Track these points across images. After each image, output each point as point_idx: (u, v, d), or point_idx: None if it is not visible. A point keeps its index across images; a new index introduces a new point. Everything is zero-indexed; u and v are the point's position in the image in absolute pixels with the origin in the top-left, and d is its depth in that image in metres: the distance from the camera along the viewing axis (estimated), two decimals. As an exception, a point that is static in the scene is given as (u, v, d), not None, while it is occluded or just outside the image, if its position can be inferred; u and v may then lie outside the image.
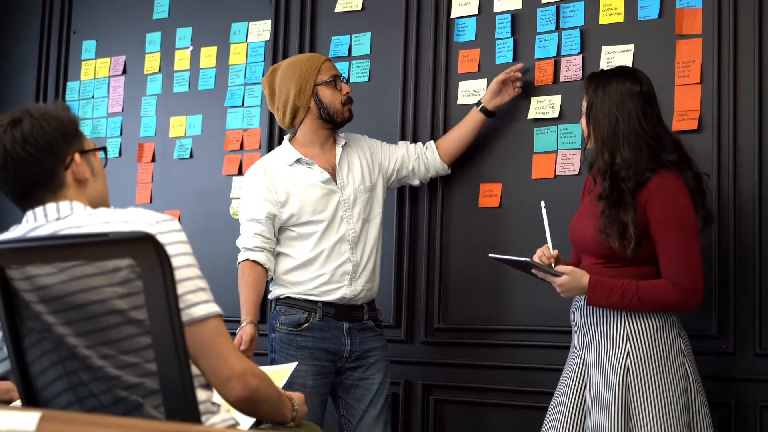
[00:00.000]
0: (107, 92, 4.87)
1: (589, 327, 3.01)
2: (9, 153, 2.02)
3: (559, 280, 2.94)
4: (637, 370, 2.87)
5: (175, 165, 4.61)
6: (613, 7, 3.62)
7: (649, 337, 2.90)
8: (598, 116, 2.97)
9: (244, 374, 2.00)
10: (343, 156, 3.64)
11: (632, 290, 2.87)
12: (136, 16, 4.83)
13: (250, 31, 4.49)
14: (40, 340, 1.97)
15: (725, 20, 3.41)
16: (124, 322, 1.90)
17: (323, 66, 3.63)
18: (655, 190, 2.90)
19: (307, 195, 3.56)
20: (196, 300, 1.96)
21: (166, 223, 1.99)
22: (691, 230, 2.91)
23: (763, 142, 3.32)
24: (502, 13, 3.86)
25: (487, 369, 3.78)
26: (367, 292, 3.57)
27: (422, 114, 4.01)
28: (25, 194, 2.07)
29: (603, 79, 3.02)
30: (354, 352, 3.53)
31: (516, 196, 3.76)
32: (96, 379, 1.93)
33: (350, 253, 3.55)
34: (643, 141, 2.93)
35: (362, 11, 4.21)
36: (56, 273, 1.90)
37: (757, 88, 3.34)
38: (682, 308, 2.94)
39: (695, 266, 2.89)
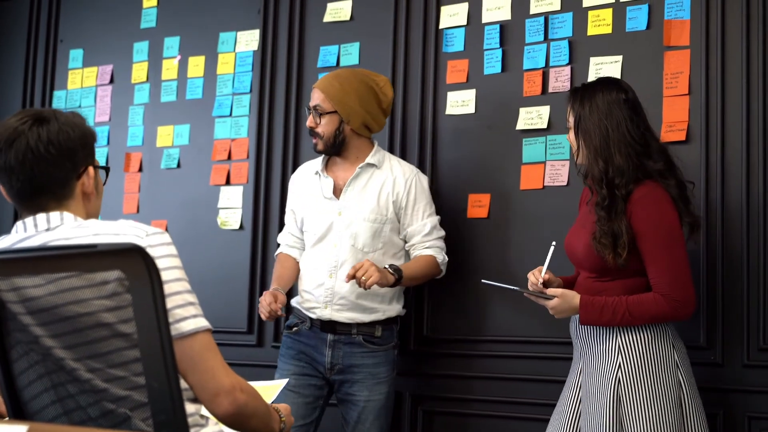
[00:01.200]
0: (94, 101, 4.86)
1: (585, 340, 3.05)
2: (32, 150, 2.01)
3: (551, 303, 2.99)
4: (628, 382, 2.89)
5: (163, 175, 4.60)
6: (601, 18, 3.62)
7: (640, 349, 2.91)
8: (588, 127, 2.99)
9: (232, 389, 1.99)
10: (361, 176, 3.60)
11: (623, 307, 2.89)
12: (124, 25, 4.82)
13: (238, 40, 4.48)
14: (27, 352, 1.96)
15: (713, 32, 3.43)
16: (112, 336, 1.88)
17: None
18: (638, 202, 2.92)
19: (310, 205, 3.63)
20: (185, 314, 1.95)
21: (156, 236, 1.98)
22: (676, 240, 2.92)
23: (751, 153, 3.33)
24: (490, 24, 3.86)
25: (475, 380, 3.78)
26: (350, 319, 3.51)
27: (411, 124, 4.00)
28: (31, 197, 2.05)
29: (588, 91, 3.04)
30: (336, 364, 3.51)
31: (504, 207, 3.76)
32: (84, 391, 1.92)
33: (327, 277, 3.53)
34: (632, 147, 2.95)
35: (351, 21, 4.21)
36: (44, 284, 1.88)
37: (745, 99, 3.35)
38: (675, 319, 2.95)
39: (683, 277, 2.91)
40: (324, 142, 3.59)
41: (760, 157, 3.31)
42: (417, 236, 3.60)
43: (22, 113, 2.06)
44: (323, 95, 3.57)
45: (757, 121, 3.33)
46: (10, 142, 2.01)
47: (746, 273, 3.30)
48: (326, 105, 3.56)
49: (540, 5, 3.76)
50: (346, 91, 3.55)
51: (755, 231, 3.30)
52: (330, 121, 3.57)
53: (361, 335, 3.52)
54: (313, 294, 3.55)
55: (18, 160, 2.01)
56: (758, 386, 3.26)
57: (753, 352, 3.28)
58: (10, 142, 2.01)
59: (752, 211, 3.31)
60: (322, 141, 3.59)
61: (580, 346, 3.08)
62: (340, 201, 3.58)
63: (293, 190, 3.76)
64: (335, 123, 3.57)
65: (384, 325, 3.56)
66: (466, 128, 3.88)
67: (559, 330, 3.60)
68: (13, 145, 2.01)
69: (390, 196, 3.57)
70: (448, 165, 3.90)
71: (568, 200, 3.58)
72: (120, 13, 4.84)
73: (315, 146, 3.63)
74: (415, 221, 3.59)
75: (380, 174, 3.60)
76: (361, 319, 3.52)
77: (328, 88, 3.57)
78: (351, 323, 3.51)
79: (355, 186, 3.59)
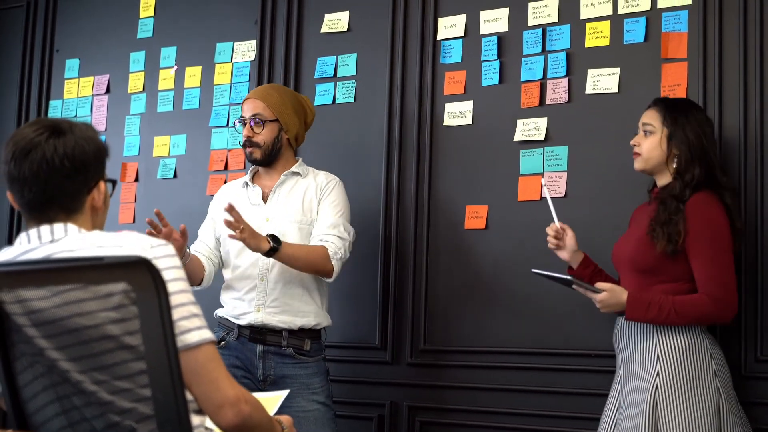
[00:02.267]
0: (90, 111, 4.86)
1: (625, 348, 3.14)
2: (47, 162, 2.01)
3: (600, 296, 3.07)
4: (665, 388, 2.98)
5: (159, 185, 4.59)
6: (599, 30, 3.64)
7: (680, 357, 3.01)
8: (687, 135, 3.12)
9: (237, 401, 1.99)
10: (285, 183, 3.62)
11: (669, 305, 3.00)
12: (120, 35, 4.82)
13: (235, 51, 4.49)
14: (32, 364, 1.95)
15: (710, 44, 3.45)
16: (118, 348, 1.88)
17: (243, 105, 3.67)
18: (692, 207, 3.04)
19: None
20: (189, 326, 1.95)
21: (160, 248, 1.98)
22: (725, 245, 3.05)
23: (748, 164, 3.36)
24: (488, 36, 3.87)
25: (473, 391, 3.78)
26: (283, 323, 3.50)
27: (408, 136, 4.01)
28: (41, 208, 2.05)
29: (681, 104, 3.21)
30: (268, 375, 3.49)
31: (502, 218, 3.77)
32: (89, 403, 1.91)
33: (259, 280, 3.53)
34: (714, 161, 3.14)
35: (348, 32, 4.22)
36: (49, 297, 1.88)
37: (742, 111, 3.38)
38: (717, 321, 3.09)
39: (729, 280, 3.03)
40: (263, 151, 3.60)
41: (758, 169, 3.34)
42: (318, 227, 3.56)
43: (38, 123, 2.05)
44: (263, 104, 3.60)
45: (755, 132, 3.36)
46: (26, 152, 2.01)
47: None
48: (267, 113, 3.59)
49: (538, 17, 3.77)
50: (284, 102, 3.61)
51: (750, 239, 3.32)
52: (270, 131, 3.59)
53: (291, 347, 3.50)
54: (243, 299, 3.54)
55: (32, 171, 2.01)
56: (757, 398, 3.28)
57: (750, 364, 3.30)
58: (25, 153, 2.01)
59: (749, 221, 3.33)
60: (261, 149, 3.60)
61: (620, 356, 3.17)
62: (267, 207, 3.59)
63: (217, 201, 3.72)
64: (275, 132, 3.60)
65: (312, 339, 3.54)
66: (464, 139, 3.89)
67: (556, 341, 3.62)
68: (29, 156, 2.01)
69: (314, 199, 3.59)
70: (446, 176, 3.91)
71: (566, 212, 3.58)
72: (116, 23, 4.85)
73: (251, 155, 3.62)
74: (322, 216, 3.57)
75: (304, 181, 3.63)
76: (294, 322, 3.49)
77: (268, 97, 3.61)
78: (282, 329, 3.49)
79: (280, 192, 3.60)
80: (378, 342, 3.96)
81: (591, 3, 3.67)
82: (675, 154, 3.13)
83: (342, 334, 3.98)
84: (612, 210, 3.54)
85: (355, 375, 3.99)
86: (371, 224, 4.00)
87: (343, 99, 4.18)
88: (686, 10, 3.49)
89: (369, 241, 3.99)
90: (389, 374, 3.94)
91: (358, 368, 4.00)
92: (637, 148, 3.22)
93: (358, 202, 3.98)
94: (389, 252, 3.99)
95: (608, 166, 3.57)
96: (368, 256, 3.98)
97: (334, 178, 3.66)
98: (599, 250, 3.49)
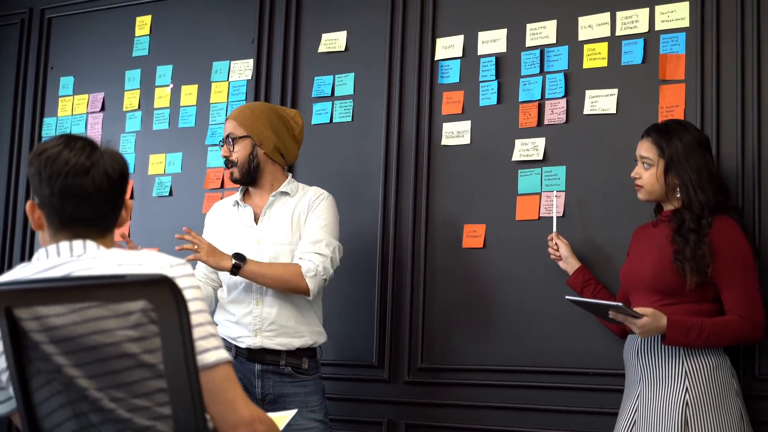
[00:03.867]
0: (85, 129, 4.85)
1: (646, 366, 3.15)
2: (109, 177, 2.04)
3: (640, 322, 3.05)
4: (695, 404, 3.02)
5: (154, 203, 4.59)
6: (597, 51, 3.68)
7: (707, 375, 3.06)
8: (683, 165, 3.15)
9: (252, 421, 2.00)
10: (274, 204, 3.60)
11: (708, 327, 3.04)
12: (116, 53, 4.82)
13: (231, 69, 4.50)
14: (50, 381, 1.95)
15: (708, 66, 3.49)
16: (136, 366, 1.89)
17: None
18: (718, 232, 3.10)
19: (230, 235, 3.60)
20: (207, 346, 1.96)
21: (179, 267, 2.00)
22: (751, 268, 3.15)
23: (746, 186, 3.39)
24: (486, 56, 3.91)
25: (470, 409, 3.79)
26: (281, 345, 3.49)
27: (406, 155, 4.03)
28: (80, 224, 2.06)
29: (674, 130, 3.19)
30: (267, 395, 3.49)
31: (500, 237, 3.79)
32: (107, 421, 1.91)
33: (254, 305, 3.52)
34: (716, 184, 3.16)
35: (346, 52, 4.25)
36: (67, 314, 1.88)
37: (740, 133, 3.42)
38: (751, 341, 3.17)
39: (758, 301, 3.12)
40: (239, 169, 3.60)
41: (755, 190, 3.38)
42: (301, 244, 3.52)
43: (74, 140, 2.05)
44: (235, 122, 3.61)
45: (752, 154, 3.40)
46: (86, 168, 2.01)
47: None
48: (238, 131, 3.60)
49: (536, 38, 3.81)
50: (256, 116, 3.60)
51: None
52: (243, 147, 3.59)
53: (289, 366, 3.50)
54: (240, 323, 3.52)
55: (96, 185, 2.02)
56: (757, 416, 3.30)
57: (748, 383, 3.33)
58: (86, 169, 2.01)
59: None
60: (238, 168, 3.60)
61: (638, 372, 3.17)
62: (258, 228, 3.58)
63: (209, 224, 3.73)
64: (248, 148, 3.59)
65: (309, 357, 3.53)
66: (462, 159, 3.91)
67: (554, 360, 3.64)
68: (90, 171, 2.02)
69: (302, 216, 3.56)
70: (444, 195, 3.93)
71: (563, 231, 3.62)
72: (112, 41, 4.85)
73: (231, 176, 3.63)
74: (306, 232, 3.54)
75: (292, 200, 3.60)
76: (291, 344, 3.49)
77: (239, 115, 3.63)
78: (281, 350, 3.49)
79: (270, 214, 3.59)
80: (375, 360, 3.97)
81: (589, 24, 3.71)
82: (676, 184, 3.18)
83: (339, 352, 3.98)
84: (609, 229, 3.57)
85: (352, 393, 3.99)
86: (369, 243, 4.02)
87: (341, 118, 4.20)
88: (684, 33, 3.54)
89: (367, 259, 4.01)
90: (387, 392, 3.94)
91: (355, 386, 4.00)
92: (638, 180, 3.25)
93: (355, 221, 4.01)
94: (387, 271, 4.00)
95: (606, 186, 3.60)
96: (366, 275, 3.99)
97: (323, 193, 3.63)
98: (596, 268, 3.54)
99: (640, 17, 3.62)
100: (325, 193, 3.63)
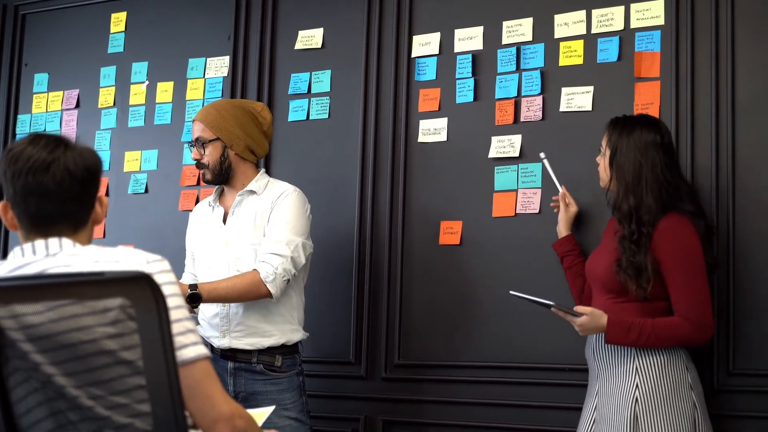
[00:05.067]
0: (60, 126, 4.82)
1: (602, 363, 3.16)
2: (70, 172, 2.02)
3: (579, 320, 3.07)
4: (645, 400, 3.02)
5: (130, 200, 4.57)
6: (572, 49, 3.70)
7: (657, 370, 3.05)
8: (622, 162, 3.13)
9: (231, 416, 2.01)
10: (241, 204, 3.59)
11: (649, 328, 3.03)
12: (90, 49, 4.80)
13: (207, 66, 4.49)
14: (27, 379, 1.94)
15: (683, 64, 3.52)
16: (114, 363, 1.88)
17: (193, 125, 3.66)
18: (665, 231, 3.06)
19: (202, 237, 3.62)
20: (185, 342, 1.96)
21: (156, 263, 1.99)
22: (700, 268, 3.09)
23: (720, 183, 3.42)
24: (462, 54, 3.92)
25: (447, 405, 3.80)
26: (251, 345, 3.48)
27: (383, 152, 4.04)
28: (52, 221, 2.04)
29: (627, 126, 3.17)
30: (239, 393, 3.48)
31: (476, 234, 3.81)
32: (85, 419, 1.91)
33: (221, 306, 3.50)
34: (664, 189, 3.10)
35: (322, 49, 4.24)
36: (44, 312, 1.87)
37: (714, 129, 3.44)
38: (695, 343, 3.10)
39: (705, 302, 3.07)
40: (211, 171, 3.59)
41: (729, 185, 3.40)
42: (262, 245, 3.48)
43: (41, 138, 2.04)
44: (202, 125, 3.58)
45: (726, 151, 3.42)
46: (46, 165, 2.00)
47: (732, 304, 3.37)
48: (207, 134, 3.57)
49: (512, 36, 3.82)
50: (224, 117, 3.57)
51: (723, 254, 3.38)
52: (214, 150, 3.57)
53: (261, 364, 3.49)
54: (210, 324, 3.53)
55: (56, 182, 2.01)
56: (729, 411, 3.34)
57: (723, 378, 3.36)
58: (45, 166, 2.00)
59: (721, 237, 3.39)
60: (209, 170, 3.59)
61: (596, 369, 3.19)
62: (226, 229, 3.57)
63: (189, 226, 3.76)
64: (219, 150, 3.57)
65: (284, 354, 3.52)
66: (439, 156, 3.92)
67: (530, 355, 3.66)
68: (50, 168, 2.00)
69: (265, 215, 3.54)
70: (420, 192, 3.94)
71: (540, 228, 3.64)
72: (86, 38, 4.82)
73: (203, 176, 3.62)
74: (268, 232, 3.50)
75: (258, 198, 3.58)
76: (261, 343, 3.48)
77: (206, 117, 3.59)
78: (251, 350, 3.48)
79: (237, 213, 3.58)
80: (353, 357, 3.97)
81: (565, 22, 3.72)
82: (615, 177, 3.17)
83: (317, 349, 3.98)
84: (585, 226, 3.58)
85: (330, 390, 3.99)
86: (345, 240, 4.02)
87: (318, 115, 4.19)
88: (659, 30, 3.56)
89: (343, 256, 4.01)
90: (364, 389, 3.95)
91: (333, 383, 4.00)
92: (599, 167, 3.29)
93: (332, 218, 4.01)
94: (364, 267, 4.00)
95: (582, 182, 3.61)
96: (343, 272, 4.00)
97: (287, 188, 3.58)
98: (573, 265, 3.55)
99: (615, 15, 3.64)
100: (290, 188, 3.58)
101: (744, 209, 3.38)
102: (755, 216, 3.38)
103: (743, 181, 3.40)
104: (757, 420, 3.31)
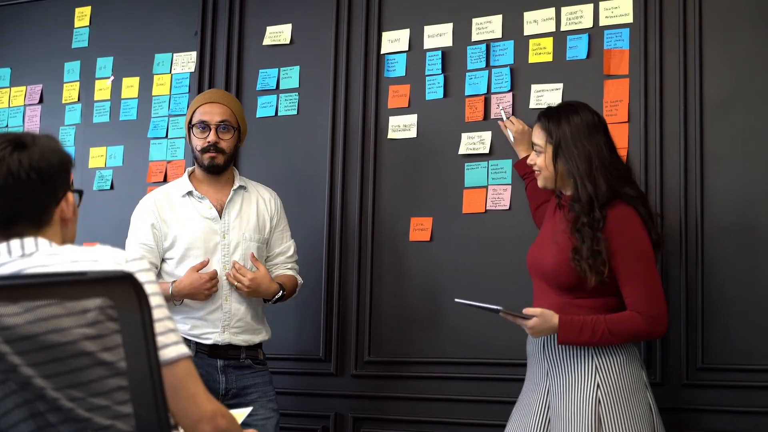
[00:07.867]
0: (22, 121, 4.76)
1: (555, 361, 3.05)
2: (13, 175, 1.97)
3: (530, 323, 2.98)
4: (607, 401, 2.93)
5: (95, 197, 4.52)
6: (542, 47, 3.71)
7: (617, 370, 2.97)
8: (570, 151, 3.02)
9: (214, 416, 2.00)
10: (235, 198, 3.58)
11: (602, 325, 2.94)
12: (54, 44, 4.74)
13: (174, 62, 4.45)
14: (4, 381, 1.90)
15: (651, 61, 3.55)
16: (94, 364, 1.86)
17: (200, 109, 3.58)
18: (614, 223, 2.97)
19: (189, 226, 3.52)
20: (167, 341, 1.95)
21: (136, 262, 1.97)
22: (649, 260, 3.00)
23: (689, 180, 3.45)
24: (432, 50, 3.92)
25: (417, 401, 3.81)
26: (245, 341, 3.51)
27: (352, 148, 4.03)
28: (8, 223, 2.00)
29: (564, 115, 3.07)
30: (230, 389, 3.48)
31: (447, 231, 3.81)
32: (65, 421, 1.88)
33: (223, 300, 3.49)
34: (609, 172, 3.01)
35: (291, 45, 4.23)
36: (22, 313, 1.84)
37: (683, 127, 3.48)
38: (650, 337, 3.08)
39: (658, 294, 2.99)
40: (226, 158, 3.57)
41: (697, 182, 3.43)
42: (282, 257, 3.66)
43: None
44: (230, 110, 3.57)
45: (695, 148, 3.45)
46: None
47: (684, 294, 3.41)
48: (233, 120, 3.58)
49: (482, 33, 3.83)
50: (241, 110, 3.64)
51: (692, 251, 3.42)
52: (233, 138, 3.58)
53: (249, 359, 3.53)
54: (206, 320, 3.49)
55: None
56: (698, 405, 3.37)
57: (692, 372, 3.39)
58: None
59: (690, 232, 3.43)
60: (225, 156, 3.56)
61: (546, 367, 3.07)
62: (223, 222, 3.54)
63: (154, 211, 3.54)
64: (235, 140, 3.60)
65: (261, 348, 3.60)
66: (408, 152, 3.92)
67: (499, 351, 3.67)
68: None
69: (266, 216, 3.60)
70: (390, 189, 3.94)
71: (510, 224, 3.66)
72: (50, 32, 4.77)
73: (212, 160, 3.53)
74: (282, 242, 3.66)
75: (249, 195, 3.61)
76: (252, 340, 3.54)
77: (233, 104, 3.61)
78: (243, 346, 3.51)
79: (233, 208, 3.57)
80: (322, 354, 3.96)
81: (534, 20, 3.74)
82: (565, 171, 3.05)
83: (286, 346, 3.97)
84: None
85: (299, 387, 3.99)
86: (315, 236, 4.01)
87: (286, 111, 4.18)
88: (628, 28, 3.59)
89: (313, 253, 3.99)
90: (334, 386, 3.95)
91: (302, 380, 4.00)
92: (534, 167, 3.15)
93: (301, 215, 4.00)
94: (333, 264, 4.00)
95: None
96: (312, 269, 3.98)
97: (276, 196, 3.71)
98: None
99: (584, 13, 3.66)
100: (275, 194, 3.71)
101: (712, 206, 3.42)
102: (723, 213, 3.41)
103: (711, 178, 3.43)
104: (726, 414, 3.34)
